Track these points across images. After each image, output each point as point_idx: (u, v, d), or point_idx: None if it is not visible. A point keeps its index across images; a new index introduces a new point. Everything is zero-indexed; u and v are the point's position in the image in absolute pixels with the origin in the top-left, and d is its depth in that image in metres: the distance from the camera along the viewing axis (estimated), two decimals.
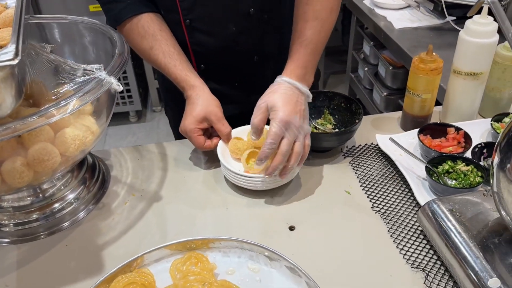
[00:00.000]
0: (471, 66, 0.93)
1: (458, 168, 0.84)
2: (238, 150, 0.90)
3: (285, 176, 0.82)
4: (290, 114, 0.79)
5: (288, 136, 0.79)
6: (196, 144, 0.91)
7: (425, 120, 1.00)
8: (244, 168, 0.87)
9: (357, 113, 0.97)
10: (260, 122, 0.82)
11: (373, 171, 0.91)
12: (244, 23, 0.99)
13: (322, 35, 0.87)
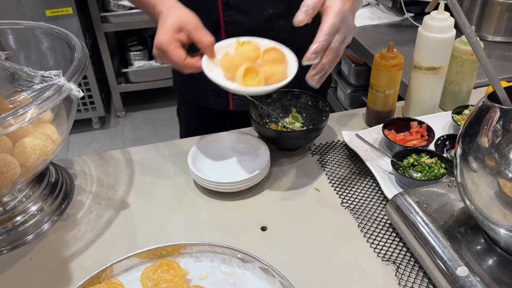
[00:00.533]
0: (430, 60, 0.95)
1: (422, 160, 0.86)
2: (233, 67, 0.78)
3: (320, 80, 0.74)
4: (348, 10, 0.71)
5: (341, 32, 0.71)
6: (176, 59, 0.76)
7: (388, 115, 1.02)
8: (241, 85, 0.77)
9: (324, 111, 0.98)
10: (317, 3, 0.70)
11: (341, 167, 0.92)
12: (282, 6, 0.96)
13: None
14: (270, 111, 1.02)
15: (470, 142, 0.60)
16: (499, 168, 0.55)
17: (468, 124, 0.62)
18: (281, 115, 1.03)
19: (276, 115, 1.02)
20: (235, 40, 0.85)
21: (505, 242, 0.60)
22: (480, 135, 0.58)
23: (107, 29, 2.49)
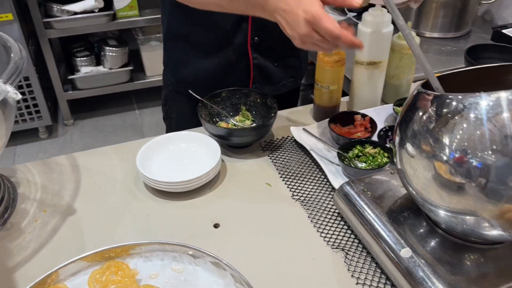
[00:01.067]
0: (370, 56, 0.99)
1: (366, 151, 0.89)
2: None
3: None
4: None
5: None
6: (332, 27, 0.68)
7: (334, 110, 1.05)
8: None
9: (272, 108, 1.00)
10: None
11: (290, 161, 0.94)
12: None
13: None
14: (220, 110, 1.02)
15: (407, 129, 0.63)
16: (434, 151, 0.58)
17: (404, 112, 0.65)
18: (231, 114, 1.04)
19: (226, 114, 1.03)
20: None
21: (445, 222, 0.64)
22: (415, 122, 0.61)
23: (51, 35, 2.41)
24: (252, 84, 1.12)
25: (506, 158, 0.53)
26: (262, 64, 1.10)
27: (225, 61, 1.08)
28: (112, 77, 2.64)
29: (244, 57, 1.08)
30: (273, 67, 1.12)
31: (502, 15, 1.57)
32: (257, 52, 1.07)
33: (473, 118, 0.55)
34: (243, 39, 1.05)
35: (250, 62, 1.08)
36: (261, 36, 1.05)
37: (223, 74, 1.09)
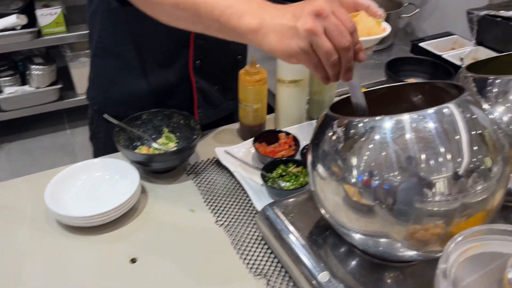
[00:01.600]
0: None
1: (290, 170, 0.88)
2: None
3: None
4: None
5: None
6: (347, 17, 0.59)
7: (260, 128, 1.04)
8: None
9: (195, 129, 0.97)
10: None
11: (215, 184, 0.92)
12: None
13: None
14: (141, 133, 0.98)
15: (317, 151, 0.62)
16: (341, 174, 0.58)
17: (314, 134, 0.65)
18: (153, 137, 1.00)
19: (147, 137, 0.98)
20: None
21: (359, 245, 0.64)
22: (324, 145, 0.61)
23: None
24: (197, 108, 1.08)
25: (411, 179, 0.54)
26: (204, 88, 1.06)
27: (164, 83, 1.02)
28: (40, 97, 2.50)
29: (186, 80, 1.03)
30: (214, 91, 1.09)
31: (422, 26, 1.65)
32: (199, 76, 1.03)
33: (377, 141, 0.55)
34: (184, 63, 1.01)
35: (193, 85, 1.04)
36: (204, 60, 1.02)
37: (163, 97, 1.04)
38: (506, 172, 0.58)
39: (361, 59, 0.61)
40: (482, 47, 1.27)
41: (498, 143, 0.57)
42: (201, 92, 1.04)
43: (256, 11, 0.63)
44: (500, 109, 0.67)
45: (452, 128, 0.54)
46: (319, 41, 0.58)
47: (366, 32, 0.77)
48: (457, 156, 0.53)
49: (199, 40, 0.97)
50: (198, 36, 0.96)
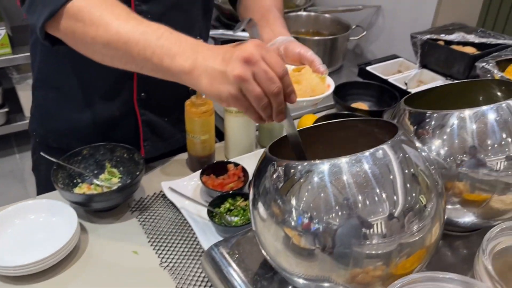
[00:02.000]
0: None
1: (237, 204, 0.87)
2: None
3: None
4: None
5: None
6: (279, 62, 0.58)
7: (208, 158, 1.02)
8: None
9: (139, 163, 0.93)
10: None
11: (161, 222, 0.88)
12: None
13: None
14: (81, 170, 0.94)
15: (258, 191, 0.61)
16: (280, 216, 0.56)
17: (256, 173, 0.63)
18: (95, 172, 0.96)
19: (88, 174, 0.94)
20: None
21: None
22: (264, 186, 0.60)
23: None
24: (143, 141, 1.04)
25: (349, 222, 0.53)
26: (152, 120, 1.02)
27: (108, 116, 0.98)
28: None
29: (131, 113, 0.99)
30: (164, 123, 1.05)
31: (370, 48, 1.68)
32: (146, 108, 0.99)
33: (315, 185, 0.54)
34: (128, 95, 0.97)
35: (138, 118, 1.00)
36: (149, 92, 0.98)
37: (107, 130, 1.00)
38: (440, 207, 0.58)
39: (292, 101, 0.61)
40: (426, 70, 1.31)
41: (431, 181, 0.57)
42: (148, 125, 1.01)
43: (189, 52, 0.62)
44: (437, 143, 0.68)
45: (387, 170, 0.54)
46: (248, 87, 0.57)
47: (310, 90, 0.77)
48: (392, 197, 0.53)
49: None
50: None
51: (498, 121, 0.65)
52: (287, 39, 0.84)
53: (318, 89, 0.78)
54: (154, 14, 0.86)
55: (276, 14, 0.93)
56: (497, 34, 1.34)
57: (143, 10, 0.86)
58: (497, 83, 0.77)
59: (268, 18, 0.92)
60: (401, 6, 1.49)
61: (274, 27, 0.89)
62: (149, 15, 0.86)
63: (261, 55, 0.57)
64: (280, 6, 0.98)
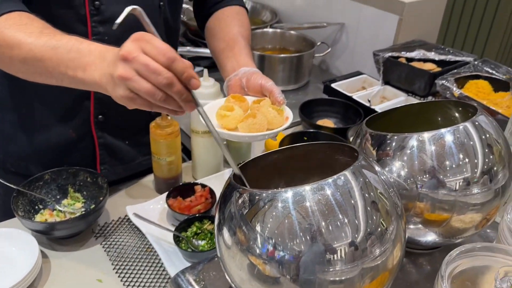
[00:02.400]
0: (203, 125, 0.97)
1: (205, 227, 0.86)
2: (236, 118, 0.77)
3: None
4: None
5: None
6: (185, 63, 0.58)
7: (175, 180, 1.01)
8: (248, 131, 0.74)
9: (103, 187, 0.92)
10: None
11: (126, 248, 0.86)
12: None
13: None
14: (43, 196, 0.91)
15: (223, 215, 0.61)
16: (245, 244, 0.56)
17: (221, 198, 0.63)
18: (58, 197, 0.93)
19: (50, 199, 0.91)
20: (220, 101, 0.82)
21: None
22: (228, 213, 0.59)
23: None
24: (100, 165, 1.01)
25: (312, 249, 0.54)
26: (110, 143, 1.00)
27: (64, 138, 0.96)
28: None
29: (87, 135, 0.97)
30: (124, 145, 1.03)
31: (335, 64, 1.71)
32: (103, 130, 0.97)
33: (279, 213, 0.54)
34: (85, 117, 0.95)
35: (95, 141, 0.98)
36: (107, 114, 0.96)
37: (64, 153, 0.97)
38: (401, 228, 0.59)
39: (194, 86, 0.59)
40: (389, 86, 1.34)
41: (391, 204, 0.58)
42: (105, 148, 0.99)
43: (97, 61, 0.62)
44: (398, 165, 0.69)
45: (348, 196, 0.55)
46: (134, 85, 0.56)
47: (266, 123, 0.76)
48: (354, 223, 0.54)
49: (100, 94, 0.92)
50: None
51: (456, 143, 0.67)
52: (250, 70, 0.84)
53: (276, 122, 0.76)
54: (111, 36, 0.86)
55: (242, 43, 0.93)
56: (456, 51, 1.39)
57: (100, 32, 0.86)
58: (454, 103, 0.80)
59: (233, 47, 0.91)
60: (364, 23, 1.53)
61: (238, 57, 0.89)
62: (106, 36, 0.86)
63: (140, 49, 0.56)
64: (247, 34, 0.98)
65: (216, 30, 0.99)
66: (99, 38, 0.85)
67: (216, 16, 1.02)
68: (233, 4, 1.03)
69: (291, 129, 1.30)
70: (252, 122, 0.74)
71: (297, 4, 1.80)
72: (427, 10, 1.45)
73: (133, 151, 1.04)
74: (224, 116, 0.76)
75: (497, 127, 0.72)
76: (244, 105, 0.80)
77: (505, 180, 0.69)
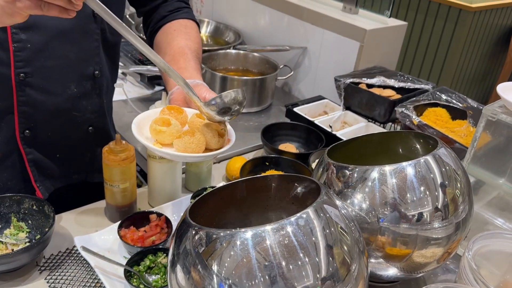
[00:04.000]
0: None
1: (159, 261, 0.81)
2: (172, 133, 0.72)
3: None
4: None
5: None
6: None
7: (130, 208, 0.96)
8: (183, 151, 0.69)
9: (50, 216, 0.85)
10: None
11: (73, 283, 0.80)
12: (87, 86, 0.93)
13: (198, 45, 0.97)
14: None
15: (178, 251, 0.57)
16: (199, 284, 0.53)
17: (176, 232, 0.59)
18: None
19: None
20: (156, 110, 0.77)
21: None
22: (184, 246, 0.56)
23: None
24: (35, 182, 0.95)
25: None
26: (40, 159, 0.94)
27: None
28: None
29: (15, 152, 0.91)
30: (57, 161, 0.97)
31: (298, 87, 1.72)
32: (32, 146, 0.92)
33: (238, 253, 0.51)
34: (9, 133, 0.89)
35: (24, 158, 0.92)
36: (34, 129, 0.90)
37: None
38: (363, 264, 0.58)
39: None
40: (350, 112, 1.35)
41: (353, 240, 0.57)
42: (36, 165, 0.94)
43: None
44: (359, 197, 0.68)
45: (310, 235, 0.52)
46: None
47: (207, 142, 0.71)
48: (315, 263, 0.52)
49: (24, 107, 0.88)
50: (23, 102, 0.87)
51: (417, 177, 0.66)
52: (194, 82, 0.82)
53: (214, 142, 0.71)
54: (34, 44, 0.83)
55: (188, 56, 0.90)
56: (414, 78, 1.42)
57: (22, 39, 0.82)
58: (414, 135, 0.80)
59: (178, 61, 0.89)
60: (326, 48, 1.54)
61: (183, 70, 0.86)
62: (28, 44, 0.83)
63: None
64: (196, 48, 0.95)
65: (162, 44, 0.97)
66: (21, 46, 0.82)
67: (163, 30, 0.99)
68: (182, 18, 1.01)
69: (253, 153, 1.27)
70: (189, 141, 0.69)
71: (260, 26, 1.80)
72: (387, 38, 1.48)
73: (67, 166, 0.99)
74: (160, 132, 0.71)
75: (456, 158, 0.72)
76: (181, 118, 0.75)
77: (465, 213, 0.69)
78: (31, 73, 0.84)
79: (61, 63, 0.87)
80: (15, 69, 0.83)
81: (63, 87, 0.89)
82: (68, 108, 0.92)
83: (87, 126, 0.97)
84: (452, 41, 2.93)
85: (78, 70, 0.90)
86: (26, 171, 0.94)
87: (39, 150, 0.93)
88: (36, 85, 0.86)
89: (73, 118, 0.93)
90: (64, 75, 0.88)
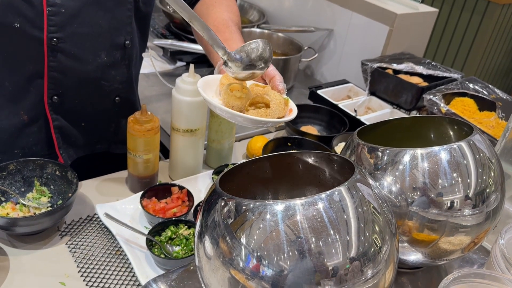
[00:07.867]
0: (186, 123, 0.93)
1: (180, 233, 0.81)
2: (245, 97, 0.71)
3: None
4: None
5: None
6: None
7: (151, 179, 0.96)
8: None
9: (73, 182, 0.85)
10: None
11: (94, 249, 0.81)
12: (117, 55, 0.92)
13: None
14: (6, 188, 0.84)
15: (206, 223, 0.56)
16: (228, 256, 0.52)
17: (204, 204, 0.58)
18: (22, 190, 0.86)
19: (13, 191, 0.85)
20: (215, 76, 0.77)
21: None
22: (212, 218, 0.55)
23: None
24: (58, 149, 0.96)
25: (301, 266, 0.50)
26: (65, 127, 0.94)
27: (16, 121, 0.90)
28: None
29: (42, 118, 0.91)
30: (82, 129, 0.97)
31: (321, 70, 1.69)
32: (58, 113, 0.92)
33: (267, 226, 0.50)
34: (37, 98, 0.89)
35: (50, 124, 0.92)
36: (62, 95, 0.90)
37: (15, 136, 0.91)
38: (394, 248, 0.56)
39: None
40: (375, 97, 1.32)
41: (386, 221, 0.55)
42: (61, 132, 0.94)
43: None
44: (389, 180, 0.66)
45: (342, 213, 0.51)
46: None
47: (278, 111, 0.72)
48: (346, 242, 0.51)
49: (54, 73, 0.87)
50: (53, 68, 0.86)
51: (450, 162, 0.65)
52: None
53: (280, 110, 0.73)
54: (68, 9, 0.82)
55: (233, 28, 0.89)
56: (443, 66, 1.39)
57: (56, 3, 0.81)
58: (449, 120, 0.77)
59: (224, 32, 0.87)
60: (353, 32, 1.51)
61: (230, 42, 0.85)
62: (63, 9, 0.82)
63: None
64: (237, 21, 0.94)
65: (203, 15, 0.95)
66: (55, 10, 0.81)
67: (204, 2, 0.98)
68: None
69: (274, 134, 1.26)
70: (265, 112, 0.70)
71: (285, 6, 1.77)
72: (417, 24, 1.45)
73: (88, 137, 0.99)
74: (240, 98, 0.71)
75: (490, 146, 0.70)
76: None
77: (497, 203, 0.67)
78: (63, 39, 0.84)
79: (93, 31, 0.86)
80: (48, 34, 0.82)
81: (93, 55, 0.89)
82: (97, 77, 0.91)
83: (114, 96, 0.96)
84: (477, 33, 2.86)
85: (109, 38, 0.89)
86: (51, 137, 0.94)
87: (65, 117, 0.93)
88: (67, 51, 0.86)
89: (101, 87, 0.93)
90: (96, 43, 0.88)
